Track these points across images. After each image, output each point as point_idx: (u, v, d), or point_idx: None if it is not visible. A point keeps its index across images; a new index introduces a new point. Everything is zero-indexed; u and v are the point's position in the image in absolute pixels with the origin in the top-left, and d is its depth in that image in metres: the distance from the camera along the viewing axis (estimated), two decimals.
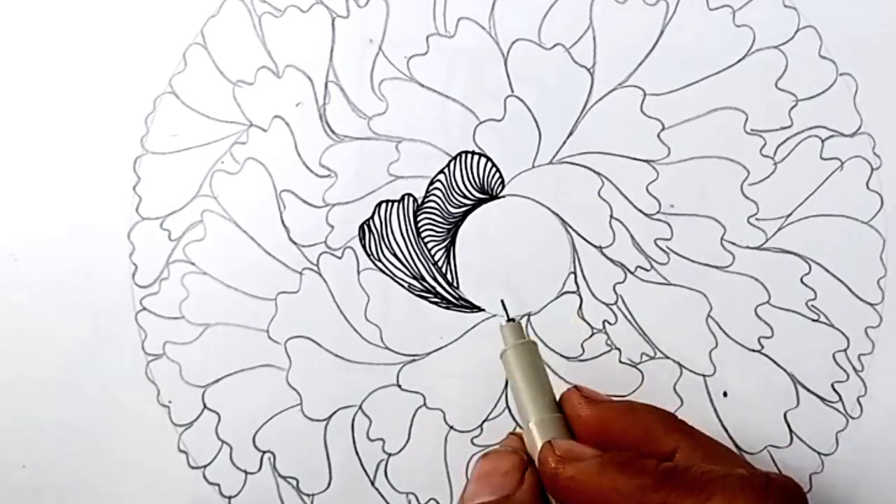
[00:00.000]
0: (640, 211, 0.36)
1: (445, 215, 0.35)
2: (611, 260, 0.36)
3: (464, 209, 0.35)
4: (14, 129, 0.35)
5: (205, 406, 0.34)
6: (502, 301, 0.34)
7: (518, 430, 0.32)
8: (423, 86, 0.35)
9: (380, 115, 0.35)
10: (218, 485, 0.34)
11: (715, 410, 0.35)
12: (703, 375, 0.35)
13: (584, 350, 0.35)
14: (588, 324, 0.35)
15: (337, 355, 0.34)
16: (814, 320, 0.36)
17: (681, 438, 0.29)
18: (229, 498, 0.34)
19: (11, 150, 0.35)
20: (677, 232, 0.36)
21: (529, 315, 0.35)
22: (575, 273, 0.35)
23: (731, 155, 0.36)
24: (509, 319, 0.32)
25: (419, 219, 0.35)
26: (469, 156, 0.35)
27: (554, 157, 0.36)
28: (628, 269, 0.36)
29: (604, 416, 0.29)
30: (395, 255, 0.35)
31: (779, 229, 0.36)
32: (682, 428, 0.29)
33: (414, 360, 0.35)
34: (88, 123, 0.35)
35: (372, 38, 0.35)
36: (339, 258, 0.35)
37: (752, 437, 0.35)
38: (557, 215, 0.36)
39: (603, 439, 0.28)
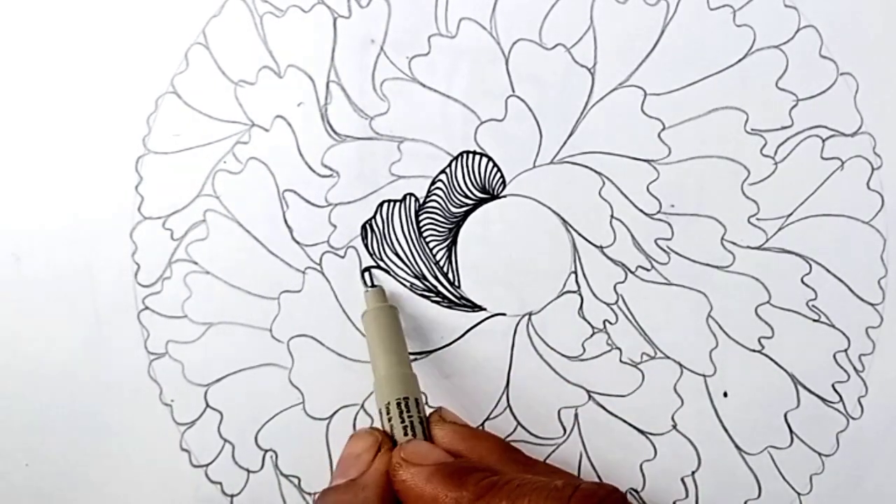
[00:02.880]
0: (641, 211, 0.36)
1: (447, 215, 0.35)
2: (611, 259, 0.36)
3: (465, 209, 0.35)
4: (16, 129, 0.35)
5: (207, 405, 0.34)
6: (368, 270, 0.35)
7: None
8: (424, 86, 0.35)
9: (381, 115, 0.35)
10: (220, 483, 0.34)
11: (715, 410, 0.35)
12: (704, 375, 0.35)
13: (584, 349, 0.35)
14: (589, 323, 0.35)
15: (339, 354, 0.35)
16: (814, 320, 0.36)
17: (516, 468, 0.31)
18: (231, 496, 0.34)
19: (13, 149, 0.35)
20: (678, 232, 0.36)
21: (530, 314, 0.35)
22: (576, 273, 0.36)
23: (731, 155, 0.36)
24: (372, 285, 0.34)
25: (421, 218, 0.35)
26: (470, 156, 0.35)
27: (555, 156, 0.36)
28: (629, 269, 0.36)
29: (448, 438, 0.31)
30: (396, 254, 0.35)
31: (779, 229, 0.36)
32: (519, 459, 0.32)
33: (416, 360, 0.35)
34: (91, 123, 0.35)
35: (374, 39, 0.35)
36: (342, 257, 0.35)
37: (752, 437, 0.35)
38: (558, 215, 0.36)
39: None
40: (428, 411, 0.32)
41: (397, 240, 0.35)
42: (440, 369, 0.35)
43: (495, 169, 0.35)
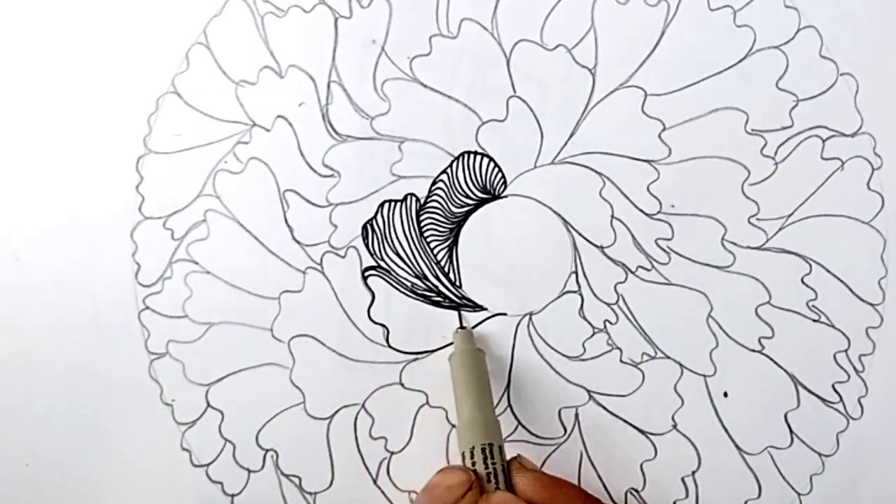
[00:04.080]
0: (641, 211, 0.36)
1: (448, 215, 0.35)
2: (612, 260, 0.36)
3: (466, 209, 0.35)
4: (17, 129, 0.35)
5: (208, 404, 0.34)
6: (460, 314, 0.35)
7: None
8: (425, 86, 0.35)
9: (382, 116, 0.35)
10: (221, 483, 0.34)
11: (715, 410, 0.35)
12: (704, 375, 0.35)
13: (585, 349, 0.35)
14: (589, 323, 0.35)
15: (340, 354, 0.35)
16: (814, 320, 0.36)
17: None
18: (232, 496, 0.34)
19: (14, 149, 0.35)
20: (678, 232, 0.36)
21: (531, 314, 0.35)
22: (576, 272, 0.36)
23: (731, 155, 0.36)
24: (461, 327, 0.35)
25: (422, 218, 0.35)
26: (471, 156, 0.35)
27: (556, 157, 0.36)
28: (629, 269, 0.36)
29: (530, 486, 0.31)
30: (397, 254, 0.35)
31: (779, 229, 0.36)
32: None
33: (416, 359, 0.35)
34: (91, 123, 0.35)
35: (375, 39, 0.35)
36: (343, 257, 0.35)
37: (752, 437, 0.35)
38: (559, 215, 0.36)
39: None
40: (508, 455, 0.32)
41: (398, 240, 0.35)
42: (441, 369, 0.35)
43: (496, 169, 0.35)
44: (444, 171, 0.35)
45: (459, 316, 0.35)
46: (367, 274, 0.35)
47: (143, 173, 0.35)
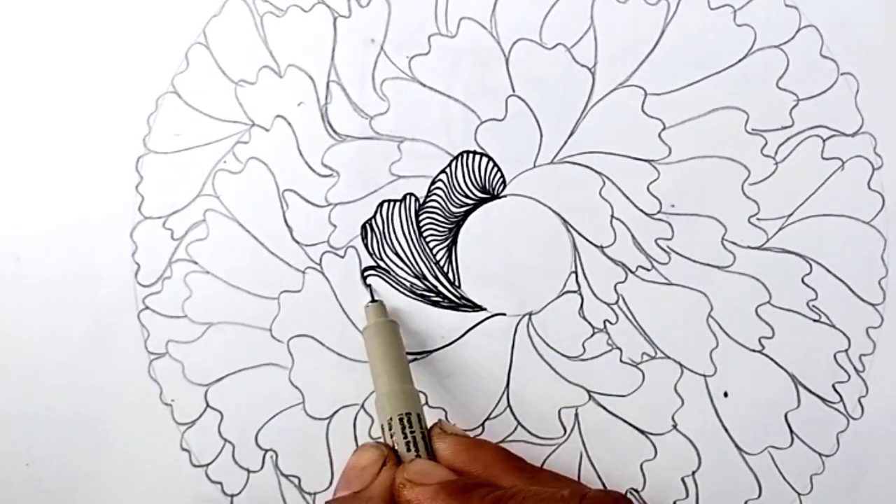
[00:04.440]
0: (641, 210, 0.36)
1: (447, 215, 0.35)
2: (612, 259, 0.36)
3: (465, 209, 0.35)
4: (16, 128, 0.35)
5: (207, 405, 0.34)
6: (369, 285, 0.35)
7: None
8: (424, 85, 0.35)
9: (381, 115, 0.35)
10: (220, 483, 0.34)
11: (715, 410, 0.35)
12: (704, 375, 0.35)
13: (584, 349, 0.35)
14: (589, 323, 0.35)
15: (339, 354, 0.35)
16: (815, 320, 0.36)
17: (520, 477, 0.31)
18: (231, 496, 0.34)
19: (14, 148, 0.35)
20: (678, 232, 0.36)
21: (531, 314, 0.35)
22: (576, 272, 0.36)
23: (732, 154, 0.36)
24: (373, 301, 0.34)
25: (421, 218, 0.35)
26: (470, 155, 0.35)
27: (555, 156, 0.36)
28: (629, 269, 0.36)
29: (450, 450, 0.31)
30: (396, 254, 0.35)
31: (780, 229, 0.36)
32: (524, 467, 0.32)
33: (416, 359, 0.35)
34: (91, 122, 0.35)
35: (374, 38, 0.35)
36: (342, 257, 0.35)
37: (752, 437, 0.35)
38: (558, 215, 0.36)
39: (454, 471, 0.30)
40: (429, 422, 0.32)
41: (397, 240, 0.35)
42: (440, 369, 0.35)
43: (495, 169, 0.35)
44: (443, 171, 0.35)
45: (370, 289, 0.35)
46: (366, 274, 0.35)
47: (142, 173, 0.35)
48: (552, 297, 0.35)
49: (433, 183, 0.35)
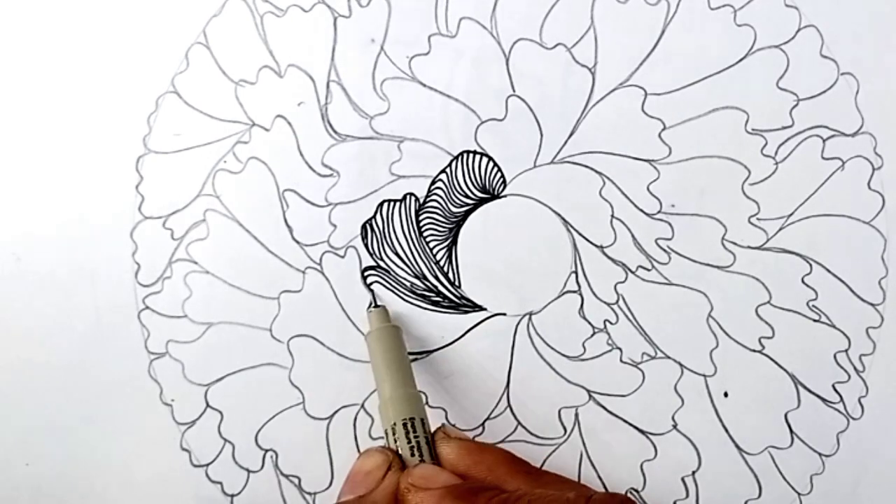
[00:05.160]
0: (642, 210, 0.36)
1: (447, 215, 0.35)
2: (612, 259, 0.36)
3: (465, 209, 0.35)
4: (16, 128, 0.35)
5: (207, 405, 0.34)
6: (372, 290, 0.35)
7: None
8: (424, 85, 0.35)
9: (382, 115, 0.35)
10: (220, 483, 0.34)
11: (715, 410, 0.35)
12: (704, 375, 0.35)
13: (585, 349, 0.35)
14: (589, 323, 0.35)
15: (339, 354, 0.35)
16: (815, 320, 0.36)
17: (524, 480, 0.31)
18: (231, 496, 0.34)
19: (14, 148, 0.35)
20: (678, 232, 0.36)
21: (531, 314, 0.35)
22: (576, 272, 0.36)
23: (732, 155, 0.36)
24: (376, 306, 0.34)
25: (421, 218, 0.35)
26: (471, 155, 0.35)
27: (555, 156, 0.36)
28: (629, 269, 0.36)
29: (455, 454, 0.31)
30: (397, 254, 0.35)
31: (780, 229, 0.36)
32: (528, 470, 0.32)
33: (416, 359, 0.35)
34: (91, 122, 0.35)
35: (374, 38, 0.35)
36: (342, 257, 0.35)
37: (752, 437, 0.35)
38: (559, 215, 0.36)
39: (458, 475, 0.30)
40: (432, 426, 0.32)
41: (397, 239, 0.35)
42: (440, 369, 0.35)
43: (496, 168, 0.35)
44: (443, 171, 0.35)
45: (373, 294, 0.35)
46: (366, 274, 0.35)
47: (142, 173, 0.35)
48: (552, 297, 0.35)
49: (433, 183, 0.35)
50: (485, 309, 0.35)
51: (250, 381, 0.34)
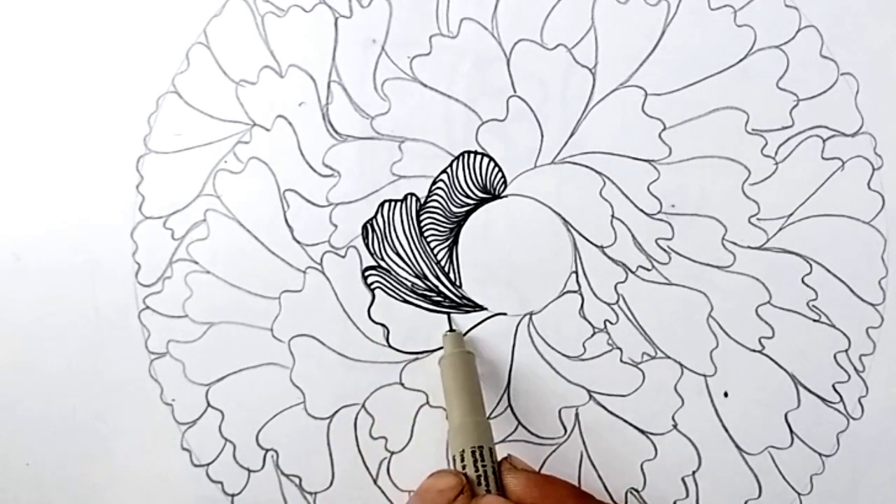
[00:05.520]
0: (642, 211, 0.36)
1: (448, 215, 0.35)
2: (612, 259, 0.36)
3: (466, 209, 0.35)
4: (17, 129, 0.35)
5: (208, 404, 0.34)
6: (449, 316, 0.35)
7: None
8: (425, 86, 0.35)
9: (382, 115, 0.35)
10: (221, 483, 0.34)
11: (715, 410, 0.35)
12: (704, 375, 0.35)
13: (585, 349, 0.35)
14: (589, 323, 0.35)
15: (340, 354, 0.35)
16: (815, 320, 0.36)
17: None
18: (232, 496, 0.34)
19: (15, 148, 0.35)
20: (678, 232, 0.36)
21: (531, 314, 0.35)
22: (576, 272, 0.36)
23: (732, 155, 0.36)
24: (451, 330, 0.35)
25: (422, 218, 0.35)
26: (471, 155, 0.35)
27: (556, 156, 0.36)
28: (629, 269, 0.36)
29: (521, 486, 0.31)
30: (397, 254, 0.35)
31: (780, 229, 0.36)
32: (593, 501, 0.31)
33: (417, 359, 0.35)
34: (92, 122, 0.35)
35: (375, 38, 0.35)
36: (343, 257, 0.35)
37: (752, 437, 0.35)
38: (559, 215, 0.36)
39: None
40: (499, 455, 0.32)
41: (398, 239, 0.35)
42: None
43: (496, 169, 0.35)
44: (444, 171, 0.35)
45: (449, 319, 0.35)
46: (367, 273, 0.35)
47: (143, 173, 0.35)
48: (553, 296, 0.35)
49: (434, 183, 0.35)
50: (485, 309, 0.35)
51: (251, 381, 0.34)
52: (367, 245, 0.35)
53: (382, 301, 0.35)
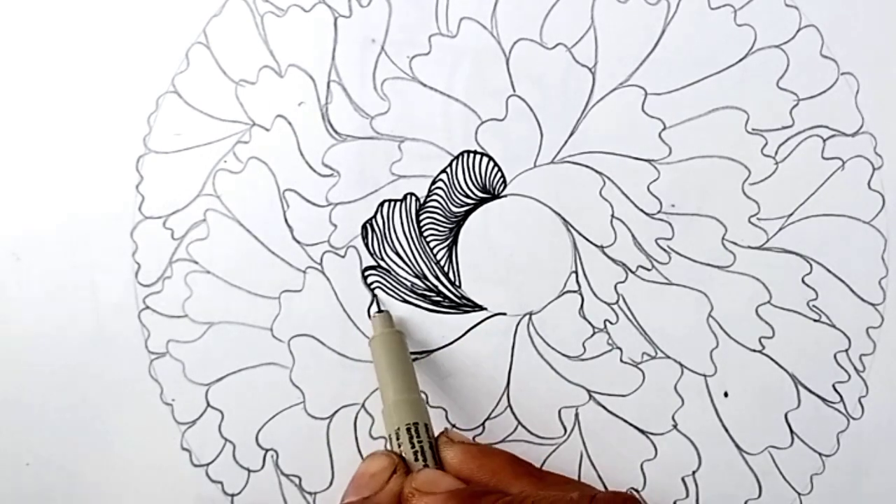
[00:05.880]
0: (642, 210, 0.36)
1: (448, 214, 0.35)
2: (612, 259, 0.36)
3: (466, 208, 0.35)
4: (17, 128, 0.35)
5: (208, 404, 0.34)
6: (375, 295, 0.35)
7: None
8: (425, 85, 0.35)
9: (382, 115, 0.35)
10: (220, 483, 0.34)
11: (716, 410, 0.35)
12: (704, 375, 0.35)
13: (585, 349, 0.35)
14: (589, 323, 0.35)
15: (340, 354, 0.35)
16: (815, 320, 0.36)
17: (528, 482, 0.31)
18: (232, 496, 0.34)
19: (14, 148, 0.35)
20: (678, 231, 0.36)
21: (531, 314, 0.35)
22: (576, 272, 0.36)
23: (732, 154, 0.36)
24: (379, 311, 0.34)
25: (421, 218, 0.35)
26: (471, 155, 0.35)
27: (555, 156, 0.36)
28: (629, 269, 0.36)
29: (458, 458, 0.31)
30: (397, 254, 0.35)
31: (780, 229, 0.36)
32: (531, 472, 0.32)
33: (416, 359, 0.35)
34: (91, 122, 0.35)
35: (374, 38, 0.35)
36: (343, 257, 0.35)
37: (752, 437, 0.35)
38: (559, 214, 0.36)
39: (462, 479, 0.30)
40: (436, 431, 0.32)
41: (398, 239, 0.35)
42: (440, 369, 0.35)
43: (496, 168, 0.35)
44: (443, 171, 0.35)
45: (375, 299, 0.35)
46: (366, 273, 0.35)
47: (143, 173, 0.35)
48: (552, 296, 0.35)
49: (434, 183, 0.35)
50: (485, 309, 0.35)
51: (251, 381, 0.34)
52: (366, 245, 0.35)
53: (382, 301, 0.35)
